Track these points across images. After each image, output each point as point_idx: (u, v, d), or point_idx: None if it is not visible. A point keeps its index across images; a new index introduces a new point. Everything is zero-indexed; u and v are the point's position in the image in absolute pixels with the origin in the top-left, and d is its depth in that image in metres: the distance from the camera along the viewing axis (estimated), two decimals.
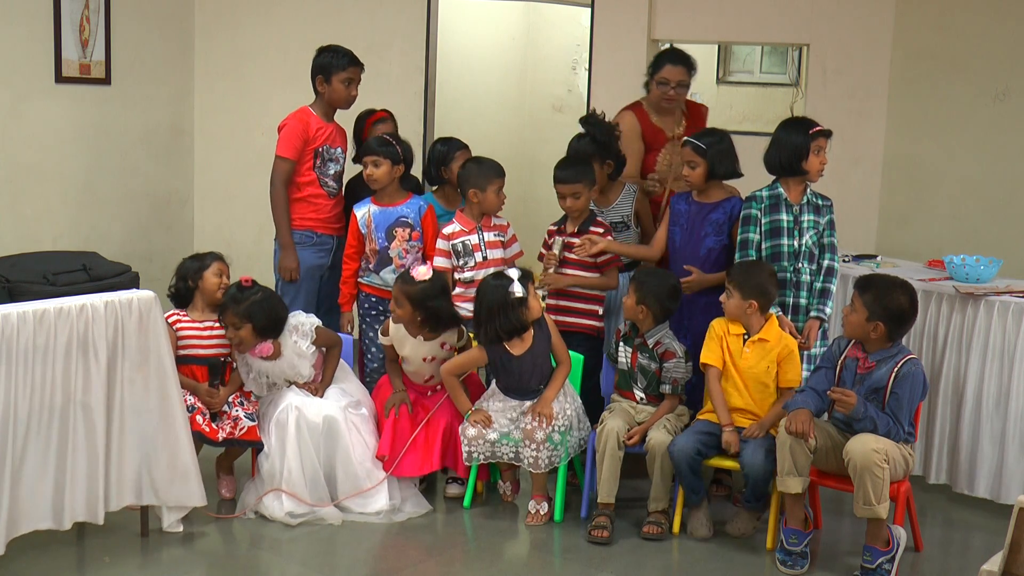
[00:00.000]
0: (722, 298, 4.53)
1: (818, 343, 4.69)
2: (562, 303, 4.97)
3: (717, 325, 4.58)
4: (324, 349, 4.78)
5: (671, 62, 5.23)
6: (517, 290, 4.51)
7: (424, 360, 4.75)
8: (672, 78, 5.21)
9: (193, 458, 4.29)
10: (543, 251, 5.04)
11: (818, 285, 4.67)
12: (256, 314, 4.54)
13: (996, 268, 5.02)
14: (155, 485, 4.22)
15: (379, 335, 4.87)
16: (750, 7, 6.37)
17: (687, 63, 5.25)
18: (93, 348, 3.97)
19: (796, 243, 4.67)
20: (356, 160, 5.41)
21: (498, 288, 4.54)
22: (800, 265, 4.67)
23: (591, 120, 5.14)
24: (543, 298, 4.82)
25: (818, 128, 4.65)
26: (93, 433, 4.01)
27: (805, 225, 4.68)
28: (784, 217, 4.68)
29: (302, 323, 4.69)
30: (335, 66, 5.26)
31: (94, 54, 6.14)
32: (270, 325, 4.58)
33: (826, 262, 4.69)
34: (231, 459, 4.77)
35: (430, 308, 4.61)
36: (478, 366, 4.79)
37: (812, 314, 4.65)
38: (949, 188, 6.11)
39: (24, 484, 3.86)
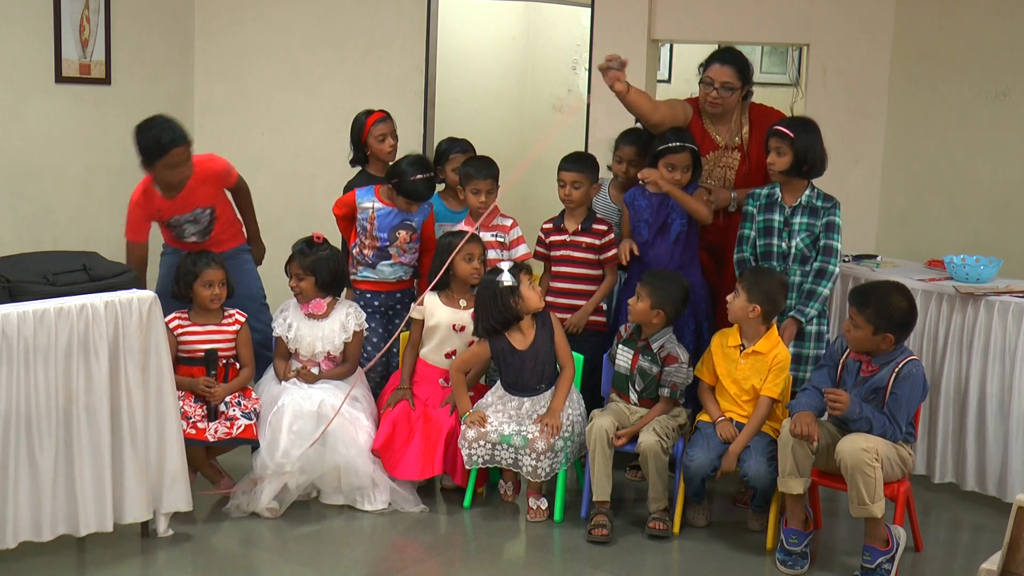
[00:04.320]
0: (729, 297, 4.52)
1: (812, 344, 4.68)
2: (570, 301, 4.98)
3: (715, 340, 4.59)
4: (345, 351, 4.85)
5: (719, 61, 4.90)
6: (506, 279, 4.58)
7: (454, 328, 4.80)
8: (716, 78, 4.87)
9: (183, 462, 4.29)
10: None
11: (805, 286, 4.65)
12: (320, 269, 4.77)
13: (996, 268, 5.02)
14: (151, 490, 4.21)
15: (411, 308, 4.89)
16: (750, 7, 6.37)
17: (737, 65, 4.89)
18: (94, 349, 3.96)
19: (785, 245, 4.66)
20: (354, 163, 5.39)
21: (489, 281, 4.63)
22: (789, 267, 4.66)
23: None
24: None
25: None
26: (98, 437, 4.00)
27: (796, 228, 4.66)
28: (776, 217, 4.67)
29: (359, 310, 4.92)
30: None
31: (94, 54, 6.12)
32: (331, 281, 4.82)
33: (817, 264, 4.64)
34: (212, 455, 4.73)
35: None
36: (482, 360, 4.80)
37: (790, 314, 4.62)
38: (949, 188, 6.11)
39: (29, 489, 3.85)
